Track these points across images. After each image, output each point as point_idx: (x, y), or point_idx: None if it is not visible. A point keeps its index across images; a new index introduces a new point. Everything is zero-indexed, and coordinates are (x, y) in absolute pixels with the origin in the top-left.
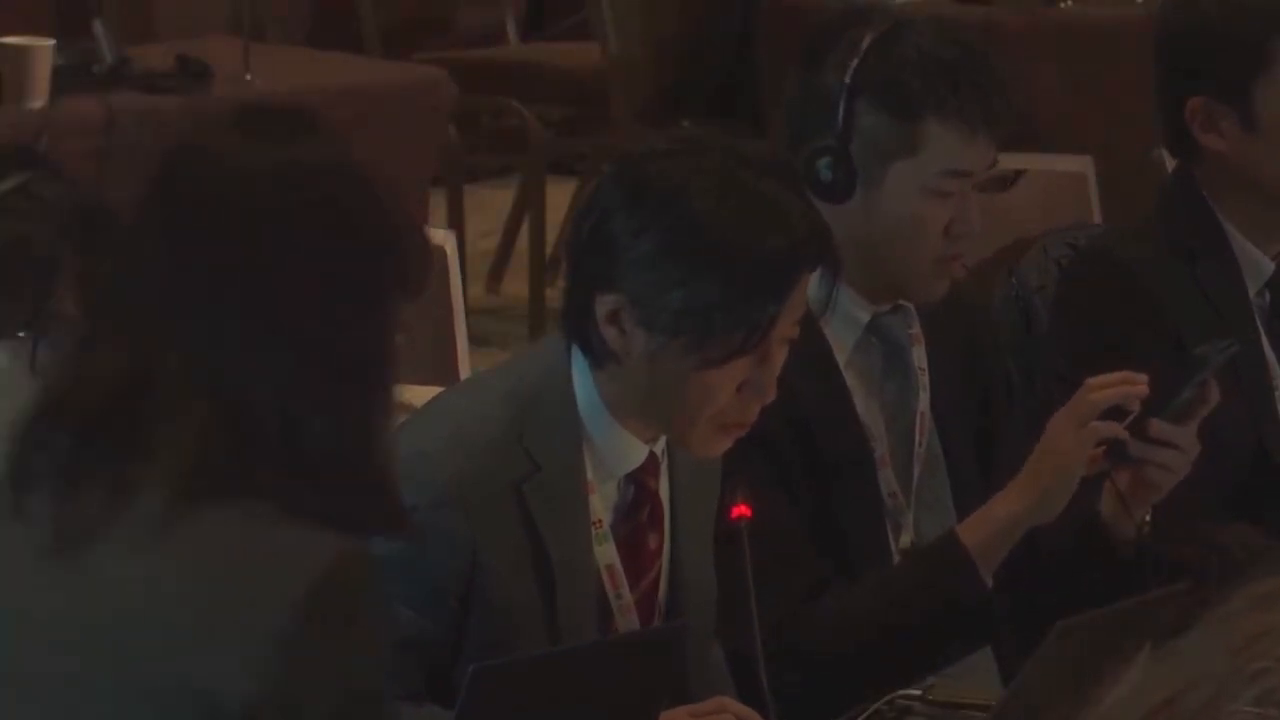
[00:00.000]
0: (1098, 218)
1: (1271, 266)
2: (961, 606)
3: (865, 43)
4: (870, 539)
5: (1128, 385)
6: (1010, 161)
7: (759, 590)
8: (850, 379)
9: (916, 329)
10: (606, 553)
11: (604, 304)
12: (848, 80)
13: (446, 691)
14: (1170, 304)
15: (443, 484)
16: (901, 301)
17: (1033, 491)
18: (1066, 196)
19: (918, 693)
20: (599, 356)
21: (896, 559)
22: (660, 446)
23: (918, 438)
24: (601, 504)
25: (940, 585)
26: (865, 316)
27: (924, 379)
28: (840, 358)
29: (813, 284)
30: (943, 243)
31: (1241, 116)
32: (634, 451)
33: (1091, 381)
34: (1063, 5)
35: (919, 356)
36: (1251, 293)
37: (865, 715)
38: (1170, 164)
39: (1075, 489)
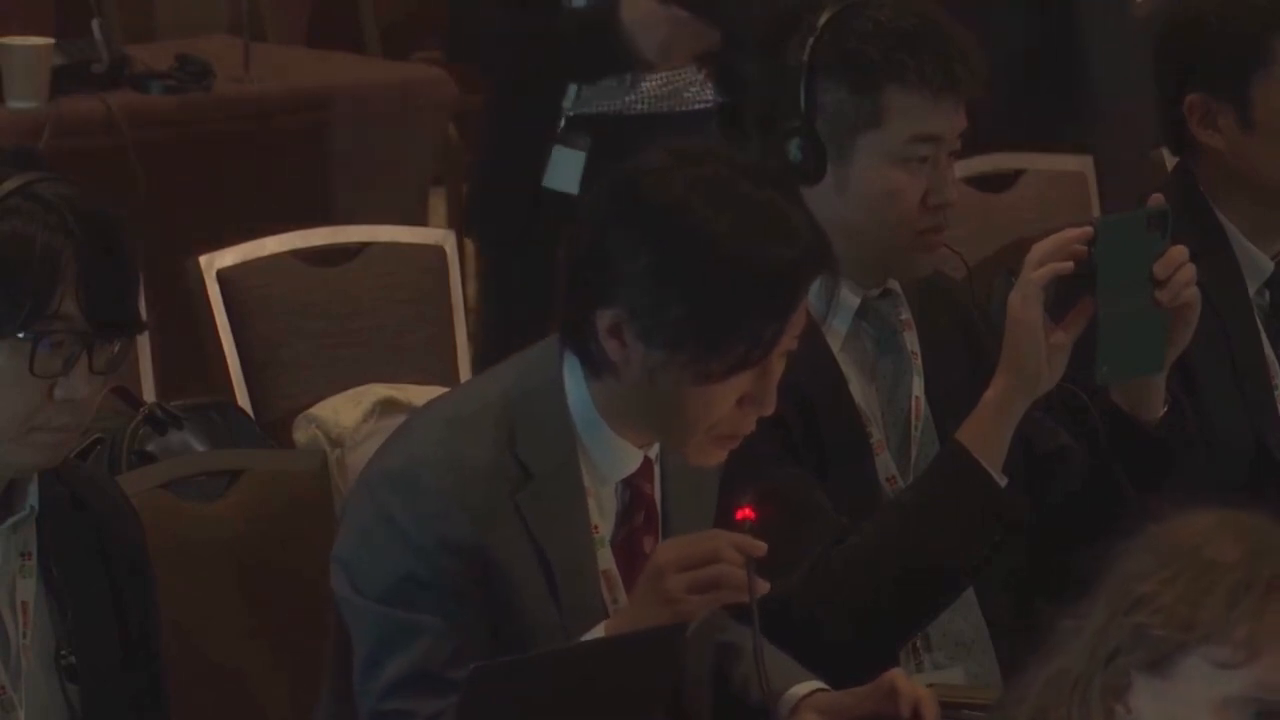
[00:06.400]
0: None
1: (1271, 266)
2: (975, 504)
3: (821, 20)
4: None
5: (1063, 236)
6: (1010, 161)
7: (783, 553)
8: (845, 365)
9: (907, 315)
10: (603, 558)
11: (604, 317)
12: (806, 58)
13: None
14: None
15: (444, 493)
16: (890, 286)
17: (1010, 367)
18: (1066, 196)
19: None
20: (596, 367)
21: None
22: (654, 451)
23: (914, 420)
24: (598, 510)
25: (951, 488)
26: (855, 300)
27: (917, 363)
28: (834, 344)
29: (812, 291)
30: (921, 214)
31: (1239, 114)
32: (629, 458)
33: (1034, 246)
34: None
35: (911, 341)
36: (1251, 292)
37: None
38: (1170, 164)
39: (1064, 356)
